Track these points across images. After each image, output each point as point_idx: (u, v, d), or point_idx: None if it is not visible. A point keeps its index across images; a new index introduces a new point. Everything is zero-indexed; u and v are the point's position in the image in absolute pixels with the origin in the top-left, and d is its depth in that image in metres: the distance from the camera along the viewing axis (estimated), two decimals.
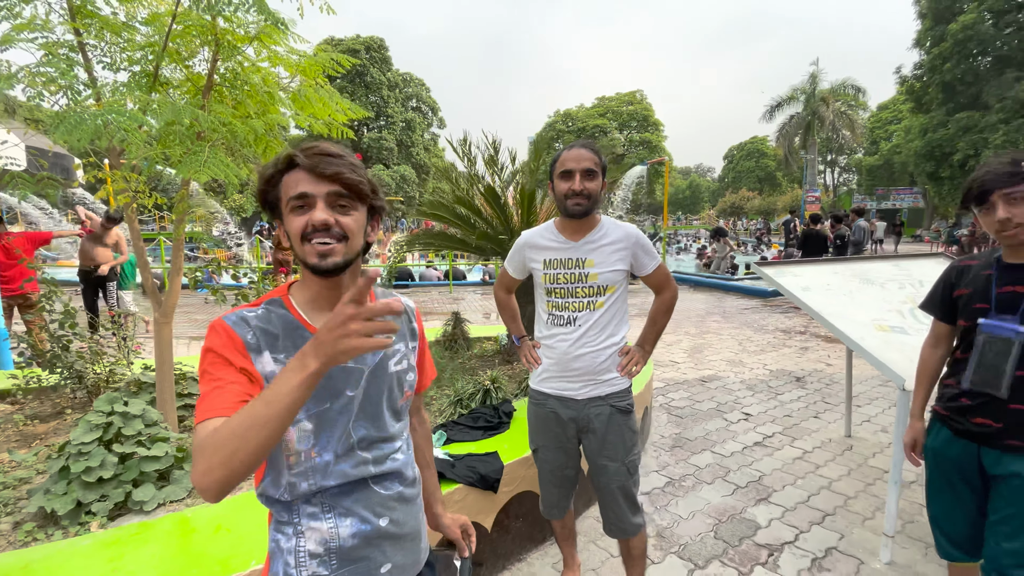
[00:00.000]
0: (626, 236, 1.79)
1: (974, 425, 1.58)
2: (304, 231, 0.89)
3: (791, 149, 30.05)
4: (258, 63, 2.73)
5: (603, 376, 1.81)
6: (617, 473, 1.83)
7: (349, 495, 0.95)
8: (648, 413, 3.58)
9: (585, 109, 44.09)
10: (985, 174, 1.47)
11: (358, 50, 35.37)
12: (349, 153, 0.94)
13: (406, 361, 1.06)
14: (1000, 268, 1.57)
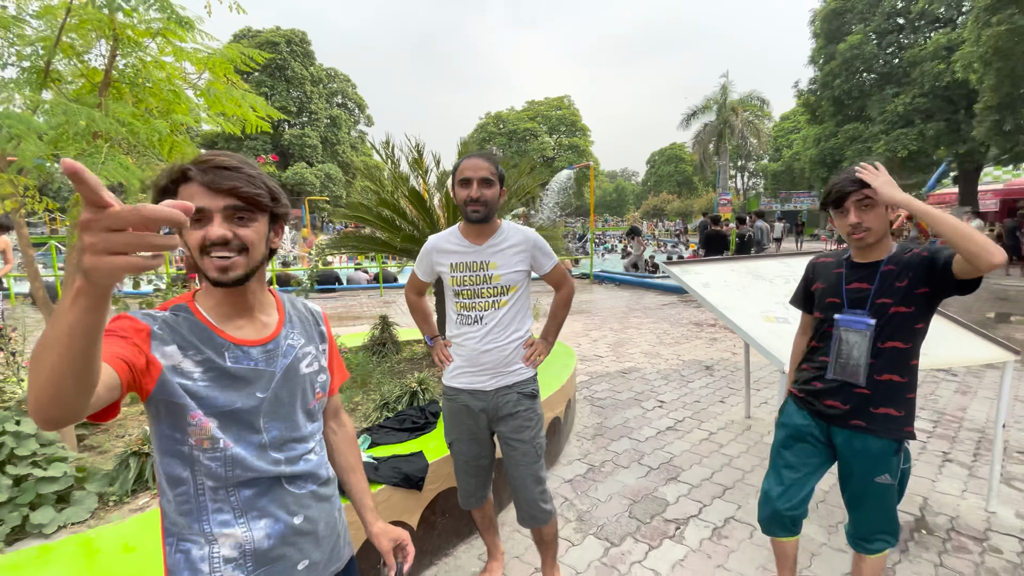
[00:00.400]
0: (525, 239, 1.92)
1: (825, 406, 1.77)
2: (202, 245, 0.89)
3: (705, 155, 32.24)
4: (161, 59, 2.61)
5: (510, 368, 1.94)
6: (526, 455, 1.94)
7: (263, 496, 0.96)
8: (572, 405, 3.78)
9: (515, 112, 44.68)
10: (841, 182, 1.66)
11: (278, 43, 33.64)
12: (248, 163, 0.94)
13: (317, 363, 1.08)
14: (849, 266, 1.77)
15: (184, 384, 0.89)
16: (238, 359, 0.95)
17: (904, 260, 1.65)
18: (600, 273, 13.35)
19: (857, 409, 1.70)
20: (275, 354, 1.00)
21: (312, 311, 1.16)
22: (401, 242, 3.41)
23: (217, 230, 0.88)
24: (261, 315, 1.02)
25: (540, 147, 42.05)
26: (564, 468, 3.30)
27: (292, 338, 1.04)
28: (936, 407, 4.28)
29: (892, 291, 1.65)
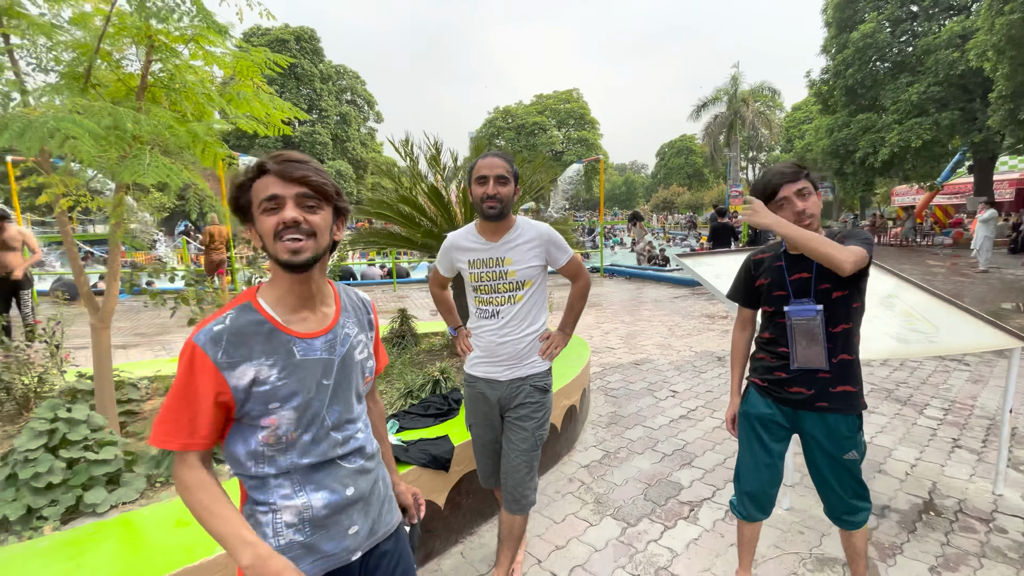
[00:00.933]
0: (539, 235, 1.98)
1: (790, 393, 1.83)
2: (276, 229, 0.97)
3: (716, 146, 31.96)
4: (191, 63, 2.73)
5: (525, 360, 2.01)
6: (524, 441, 2.00)
7: (320, 471, 1.06)
8: (586, 395, 3.88)
9: (524, 106, 44.58)
10: (773, 175, 1.73)
11: (287, 40, 33.83)
12: (312, 159, 1.03)
13: (367, 350, 1.18)
14: (787, 259, 1.82)
15: (262, 390, 0.98)
16: (305, 352, 1.03)
17: None
18: (610, 267, 13.40)
19: (821, 391, 1.78)
20: (334, 343, 1.08)
21: (363, 300, 1.24)
22: (422, 237, 3.52)
23: (290, 212, 0.96)
24: (322, 305, 1.10)
25: (549, 141, 41.96)
26: (580, 454, 3.41)
27: (348, 327, 1.13)
28: (948, 396, 4.32)
29: (829, 275, 1.72)
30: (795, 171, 1.71)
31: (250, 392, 0.98)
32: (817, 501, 2.76)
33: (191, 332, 0.98)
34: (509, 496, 2.04)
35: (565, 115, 43.95)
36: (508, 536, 2.07)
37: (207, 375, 0.95)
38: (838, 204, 35.33)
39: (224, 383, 0.96)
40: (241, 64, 2.80)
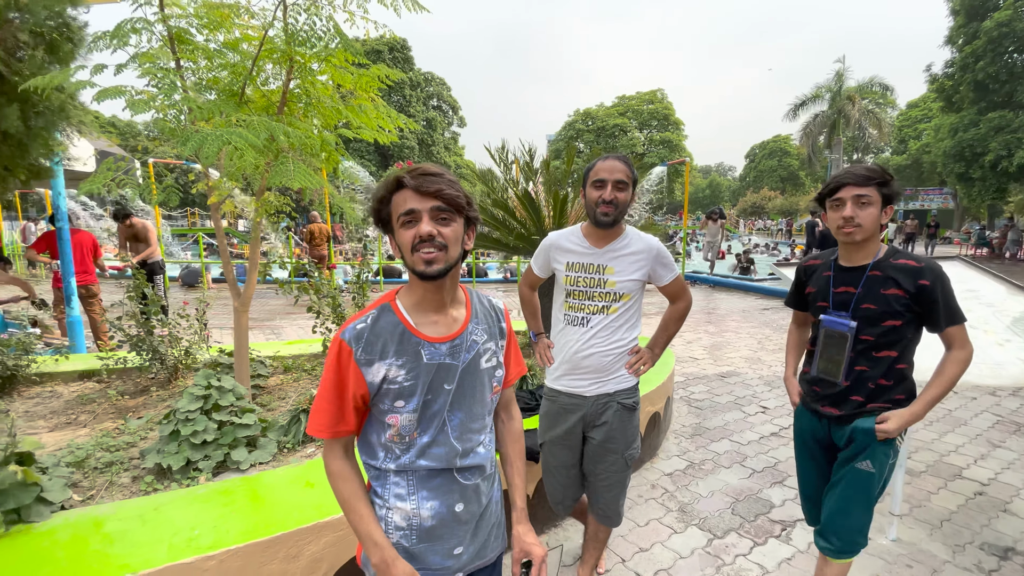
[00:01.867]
0: (647, 248, 1.88)
1: (822, 410, 1.80)
2: (413, 243, 1.02)
3: (815, 148, 29.65)
4: (319, 78, 3.07)
5: (611, 375, 1.91)
6: (615, 464, 1.95)
7: (435, 479, 1.09)
8: (670, 404, 3.84)
9: (605, 108, 44.02)
10: (843, 172, 1.65)
11: (381, 51, 35.91)
12: (447, 171, 1.06)
13: (495, 358, 1.17)
14: (836, 269, 1.76)
15: (392, 388, 1.05)
16: (432, 355, 1.07)
17: (892, 268, 1.64)
18: (692, 274, 12.93)
19: (850, 411, 1.73)
20: (460, 348, 1.10)
21: (496, 308, 1.24)
22: (514, 240, 3.67)
23: (425, 227, 1.01)
24: (452, 311, 1.13)
25: (630, 143, 41.10)
26: (663, 462, 3.39)
27: (476, 334, 1.14)
28: None
29: (878, 298, 1.64)
30: (865, 176, 1.60)
31: (380, 389, 1.05)
32: (929, 534, 2.57)
33: (339, 328, 1.08)
34: (600, 511, 2.01)
35: (648, 116, 42.83)
36: (594, 538, 2.10)
37: (351, 369, 1.03)
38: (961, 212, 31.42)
39: (362, 377, 1.03)
40: (361, 80, 3.11)
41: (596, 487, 1.99)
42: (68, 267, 4.84)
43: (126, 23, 2.28)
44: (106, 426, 2.90)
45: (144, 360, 3.44)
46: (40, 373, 3.59)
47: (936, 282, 1.59)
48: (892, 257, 1.66)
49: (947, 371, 1.64)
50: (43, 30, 2.56)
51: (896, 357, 1.67)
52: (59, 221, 4.69)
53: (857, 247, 1.68)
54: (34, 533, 1.71)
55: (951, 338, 1.65)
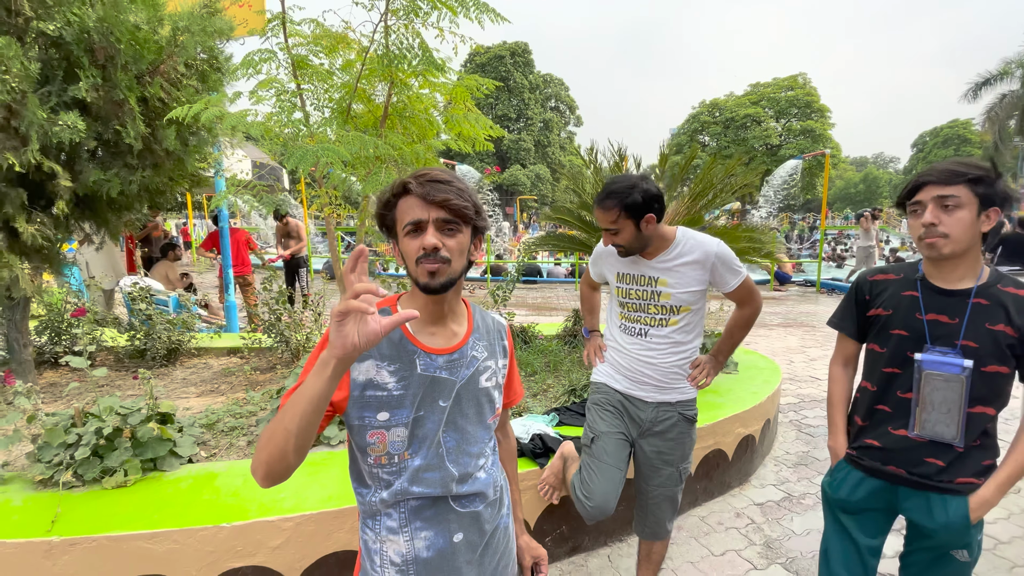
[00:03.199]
0: (705, 255, 1.72)
1: (891, 471, 1.43)
2: (417, 254, 0.96)
3: (1003, 134, 24.43)
4: (419, 92, 3.29)
5: (672, 384, 1.81)
6: (669, 478, 1.85)
7: (429, 509, 1.00)
8: (770, 426, 3.48)
9: (735, 98, 40.77)
10: (927, 170, 1.33)
11: (503, 56, 37.19)
12: (457, 178, 1.00)
13: (496, 378, 1.11)
14: (925, 289, 1.37)
15: (377, 396, 0.96)
16: (427, 366, 1.00)
17: (1001, 297, 1.30)
18: (829, 281, 11.47)
19: (930, 475, 1.37)
20: (459, 364, 1.03)
21: (498, 324, 1.18)
22: (596, 240, 3.59)
23: (430, 239, 0.94)
24: (452, 324, 1.06)
25: (763, 134, 37.63)
26: (755, 490, 3.09)
27: (476, 350, 1.07)
28: None
29: (981, 334, 1.30)
30: (951, 173, 1.28)
31: (364, 394, 0.96)
32: None
33: None
34: (648, 529, 1.93)
35: (787, 104, 38.80)
36: (647, 559, 2.00)
37: None
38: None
39: (348, 374, 0.95)
40: (456, 90, 3.27)
41: (647, 503, 1.90)
42: (227, 260, 5.78)
43: (253, 54, 2.67)
44: (238, 396, 3.42)
45: (273, 341, 3.99)
46: (199, 348, 4.35)
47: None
48: (1000, 283, 1.32)
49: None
50: (196, 62, 3.10)
51: (992, 417, 1.34)
52: (221, 222, 5.62)
53: (949, 264, 1.33)
54: (164, 480, 2.10)
55: None
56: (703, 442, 2.80)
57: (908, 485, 1.41)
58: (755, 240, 3.71)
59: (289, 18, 2.82)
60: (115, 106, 2.80)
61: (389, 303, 1.07)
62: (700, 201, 3.80)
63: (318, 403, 0.78)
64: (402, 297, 1.09)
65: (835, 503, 1.55)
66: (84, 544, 1.75)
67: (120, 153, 2.99)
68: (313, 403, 0.78)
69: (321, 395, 0.78)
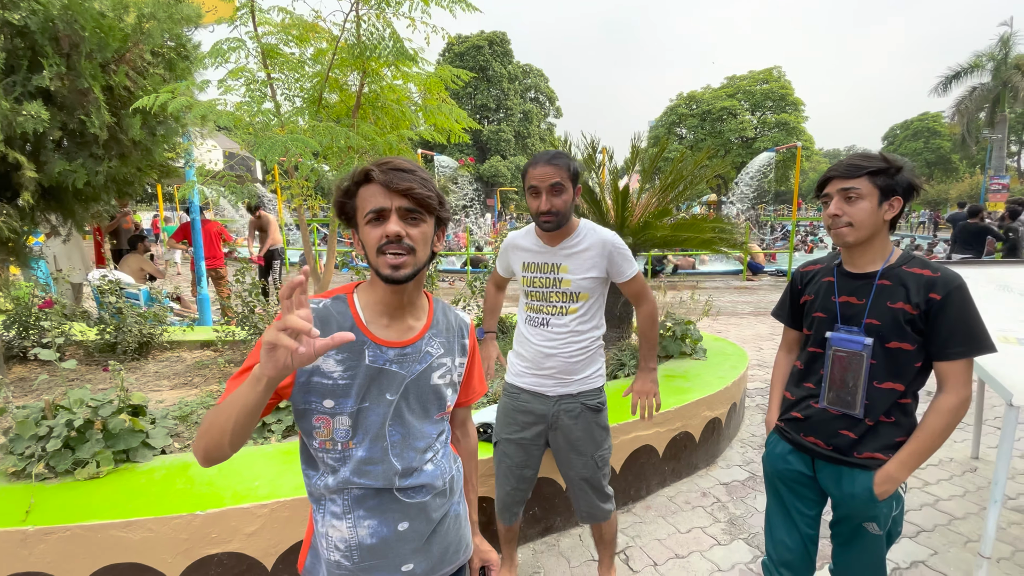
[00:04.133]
0: (602, 243, 1.79)
1: (808, 442, 1.53)
2: (379, 243, 0.94)
3: (971, 127, 25.35)
4: (392, 83, 3.30)
5: (575, 375, 1.85)
6: (585, 467, 1.89)
7: (373, 499, 0.99)
8: (736, 409, 3.62)
9: (712, 90, 41.21)
10: (834, 165, 1.43)
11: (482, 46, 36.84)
12: (420, 168, 0.99)
13: (449, 376, 1.08)
14: (840, 275, 1.49)
15: (323, 383, 0.95)
16: (375, 358, 0.98)
17: (903, 277, 1.39)
18: None
19: (843, 448, 1.46)
20: (410, 358, 1.02)
21: (460, 322, 1.16)
22: None
23: (393, 227, 0.92)
24: (410, 318, 1.05)
25: (739, 127, 38.18)
26: (721, 471, 3.22)
27: (432, 346, 1.06)
28: None
29: (883, 312, 1.39)
30: (852, 167, 1.37)
31: (310, 380, 0.95)
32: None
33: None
34: (583, 512, 1.97)
35: (762, 97, 39.37)
36: (600, 540, 2.06)
37: None
38: None
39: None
40: (429, 81, 3.28)
41: (574, 490, 1.95)
42: (199, 252, 5.69)
43: (222, 43, 2.64)
44: (212, 388, 3.41)
45: (247, 334, 3.97)
46: (171, 341, 4.30)
47: (951, 296, 1.32)
48: (906, 264, 1.40)
49: (930, 423, 1.36)
50: (163, 50, 3.05)
51: (900, 392, 1.40)
52: (192, 214, 5.53)
53: (859, 250, 1.44)
54: (136, 471, 2.11)
55: (945, 376, 1.37)
56: (670, 424, 2.91)
57: (822, 459, 1.50)
58: (722, 231, 3.83)
59: (258, 6, 2.79)
60: (80, 95, 2.75)
61: (345, 291, 1.05)
62: (671, 193, 3.90)
63: (251, 412, 0.80)
64: (359, 287, 1.06)
65: (772, 474, 1.64)
66: (59, 533, 1.76)
67: (86, 143, 2.94)
68: (247, 412, 0.79)
69: (255, 406, 0.79)
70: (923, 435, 1.39)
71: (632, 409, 1.93)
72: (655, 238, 3.75)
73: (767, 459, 1.66)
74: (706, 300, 5.61)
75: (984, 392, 3.40)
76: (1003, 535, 2.54)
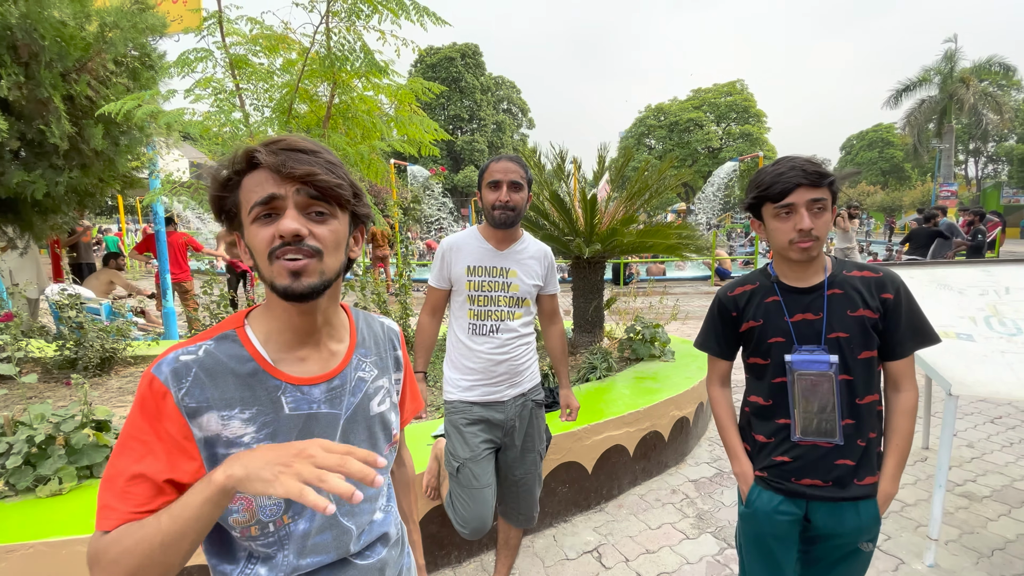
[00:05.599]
0: (544, 254, 1.90)
1: (802, 486, 1.34)
2: (271, 246, 0.71)
3: (922, 137, 26.75)
4: (363, 94, 3.33)
5: (523, 375, 1.88)
6: (534, 464, 1.93)
7: (326, 573, 0.80)
8: (704, 409, 3.73)
9: (679, 103, 42.45)
10: (789, 169, 1.25)
11: (454, 57, 37.06)
12: (325, 149, 0.77)
13: (389, 399, 0.90)
14: (784, 291, 1.35)
15: (230, 454, 0.71)
16: (298, 404, 0.76)
17: (851, 282, 1.31)
18: None
19: (843, 480, 1.31)
20: (341, 392, 0.81)
21: (388, 331, 0.96)
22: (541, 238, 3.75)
23: (290, 223, 0.70)
24: (330, 342, 0.83)
25: (705, 138, 39.36)
26: (690, 468, 3.32)
27: (363, 369, 0.86)
28: None
29: (845, 322, 1.29)
30: (819, 175, 1.23)
31: (215, 455, 0.71)
32: (974, 562, 2.34)
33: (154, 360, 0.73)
34: (523, 515, 1.97)
35: (726, 109, 40.77)
36: (505, 544, 2.07)
37: (169, 419, 0.68)
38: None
39: (189, 432, 0.69)
40: (400, 93, 3.34)
41: (518, 491, 1.94)
42: (164, 265, 5.56)
43: (189, 52, 2.64)
44: None
45: None
46: (135, 356, 4.18)
47: (899, 293, 1.30)
48: (845, 269, 1.34)
49: (902, 427, 1.31)
50: (126, 59, 3.02)
51: (878, 400, 1.33)
52: (156, 225, 5.41)
53: (811, 264, 1.32)
54: None
55: (902, 374, 1.31)
56: (640, 424, 2.99)
57: (820, 499, 1.33)
58: (687, 237, 3.97)
59: (226, 16, 2.80)
60: (39, 105, 2.70)
61: (233, 324, 0.78)
62: (637, 201, 4.03)
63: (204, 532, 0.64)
64: (251, 314, 0.81)
65: (763, 534, 1.41)
66: (21, 551, 1.71)
67: (45, 153, 2.88)
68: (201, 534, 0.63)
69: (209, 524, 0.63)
70: (901, 442, 1.32)
71: (564, 418, 2.06)
72: (622, 244, 3.86)
73: (753, 519, 1.42)
74: (674, 304, 5.77)
75: (931, 385, 3.60)
76: (951, 519, 2.70)
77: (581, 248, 3.66)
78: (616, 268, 11.73)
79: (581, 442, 2.73)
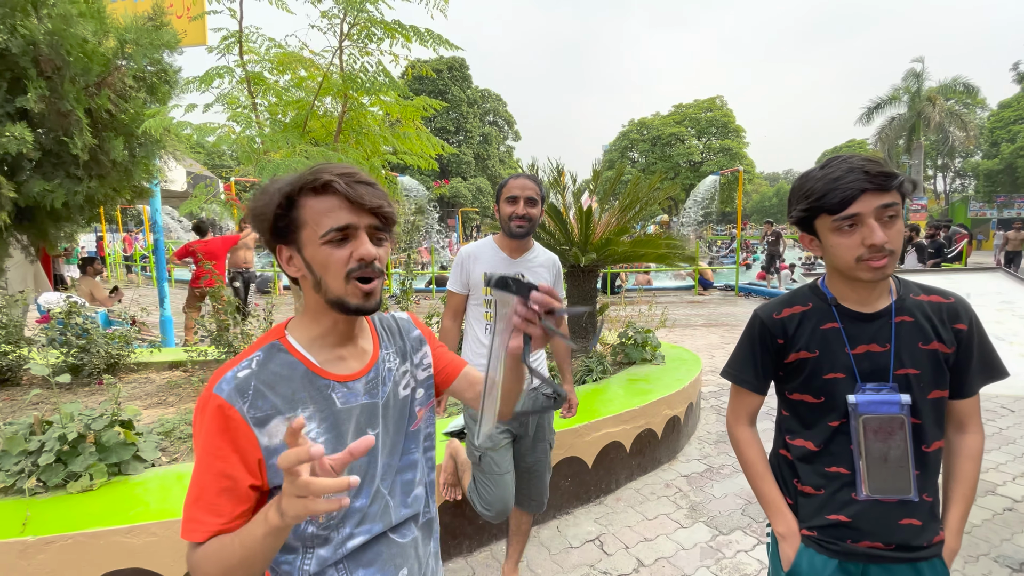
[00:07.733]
0: (553, 262, 2.08)
1: (864, 548, 1.12)
2: (348, 267, 0.80)
3: (892, 153, 27.85)
4: (370, 109, 3.50)
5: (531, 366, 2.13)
6: (544, 452, 2.11)
7: (368, 550, 0.88)
8: (693, 409, 3.93)
9: (661, 117, 43.47)
10: (849, 172, 1.01)
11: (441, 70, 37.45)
12: (375, 181, 0.88)
13: (413, 380, 0.99)
14: (844, 317, 1.12)
15: None
16: (347, 398, 0.86)
17: (922, 308, 1.10)
18: (747, 286, 12.58)
19: (910, 542, 1.10)
20: (376, 382, 0.91)
21: (399, 322, 1.05)
22: None
23: (371, 249, 0.81)
24: (361, 341, 0.94)
25: (687, 152, 40.31)
26: (682, 464, 3.50)
27: (389, 360, 0.96)
28: None
29: (916, 357, 1.08)
30: (886, 175, 1.00)
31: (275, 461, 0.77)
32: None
33: (208, 383, 0.80)
34: (535, 500, 2.14)
35: (706, 124, 41.85)
36: (517, 531, 2.21)
37: (240, 434, 0.76)
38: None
39: (256, 443, 0.77)
40: (406, 110, 3.51)
41: (531, 478, 2.11)
42: (162, 273, 5.60)
43: (213, 70, 2.78)
44: (189, 406, 3.41)
45: (221, 353, 3.98)
46: (137, 362, 4.24)
47: (972, 323, 1.10)
48: (912, 292, 1.12)
49: (969, 474, 1.13)
50: (144, 74, 3.14)
51: (943, 447, 1.14)
52: (156, 234, 5.46)
53: (879, 284, 1.09)
54: (130, 483, 2.16)
55: (968, 414, 1.13)
56: (636, 422, 3.17)
57: (882, 562, 1.12)
58: (674, 247, 4.20)
59: (246, 36, 2.95)
60: (61, 117, 2.81)
61: (276, 335, 0.87)
62: (629, 212, 4.25)
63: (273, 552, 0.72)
64: (290, 324, 0.90)
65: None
66: (59, 542, 1.80)
67: (63, 164, 2.97)
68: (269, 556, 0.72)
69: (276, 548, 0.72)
70: (968, 492, 1.13)
71: (564, 414, 2.24)
72: (616, 253, 4.07)
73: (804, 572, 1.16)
74: (662, 312, 6.01)
75: None
76: None
77: (577, 257, 3.85)
78: (605, 278, 11.99)
79: (582, 438, 2.89)
